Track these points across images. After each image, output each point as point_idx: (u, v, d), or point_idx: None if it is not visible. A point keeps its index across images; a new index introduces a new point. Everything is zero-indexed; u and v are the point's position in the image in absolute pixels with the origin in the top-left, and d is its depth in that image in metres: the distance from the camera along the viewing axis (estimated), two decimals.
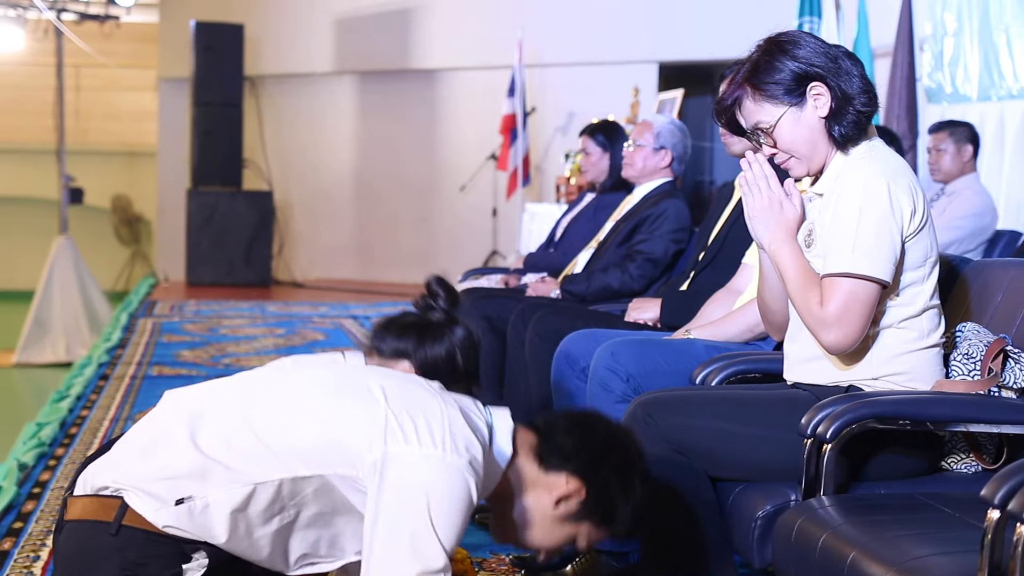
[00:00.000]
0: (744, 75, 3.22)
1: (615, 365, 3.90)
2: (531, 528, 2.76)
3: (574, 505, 2.73)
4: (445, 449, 2.53)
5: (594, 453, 2.74)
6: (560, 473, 2.73)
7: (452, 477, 2.52)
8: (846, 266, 3.06)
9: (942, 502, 2.84)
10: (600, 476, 2.73)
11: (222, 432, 2.62)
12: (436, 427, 2.55)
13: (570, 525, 2.76)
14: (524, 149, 12.82)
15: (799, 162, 3.23)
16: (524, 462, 2.75)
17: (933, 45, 8.98)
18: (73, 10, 10.83)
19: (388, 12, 14.56)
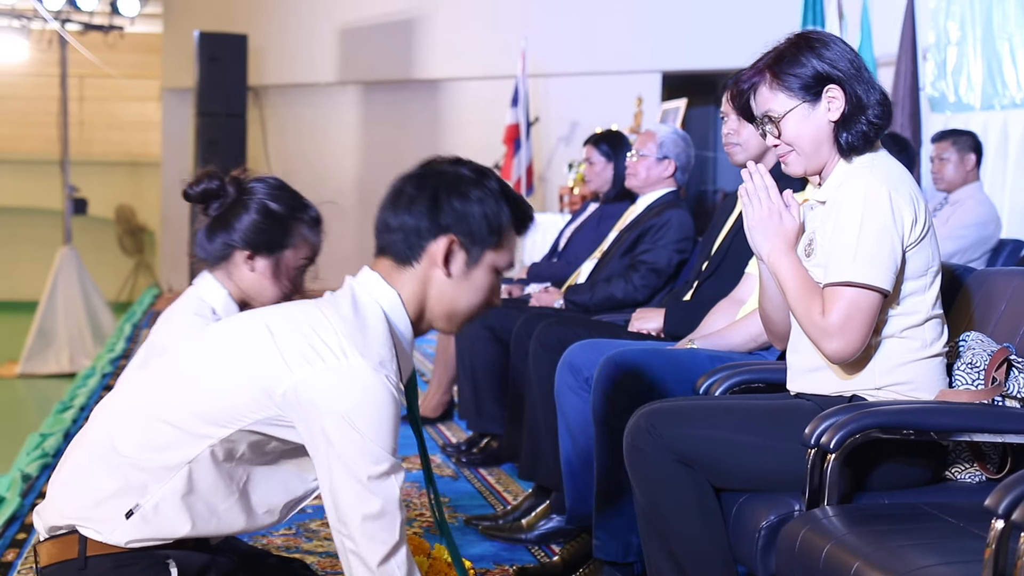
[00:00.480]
0: (767, 62, 3.23)
1: (618, 375, 3.90)
2: (456, 304, 2.70)
3: (458, 255, 2.65)
4: (347, 355, 2.50)
5: (427, 208, 2.64)
6: (423, 251, 2.64)
7: (364, 380, 2.49)
8: (847, 275, 3.06)
9: (946, 512, 2.83)
10: (450, 212, 2.64)
11: (135, 432, 2.61)
12: (330, 339, 2.52)
13: (474, 271, 2.67)
14: (527, 159, 12.82)
15: (798, 158, 3.23)
16: (404, 282, 2.67)
17: (936, 54, 8.99)
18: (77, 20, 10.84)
19: (392, 22, 14.57)
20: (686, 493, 3.17)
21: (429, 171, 2.70)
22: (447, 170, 2.69)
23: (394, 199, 2.70)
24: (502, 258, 2.70)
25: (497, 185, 2.68)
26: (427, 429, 6.69)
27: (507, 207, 2.68)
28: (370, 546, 2.53)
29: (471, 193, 2.64)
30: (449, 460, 5.96)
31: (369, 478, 2.49)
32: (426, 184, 2.66)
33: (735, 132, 4.55)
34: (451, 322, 2.72)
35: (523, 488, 5.33)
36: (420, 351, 9.62)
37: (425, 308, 2.69)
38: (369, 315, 2.60)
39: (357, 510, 2.51)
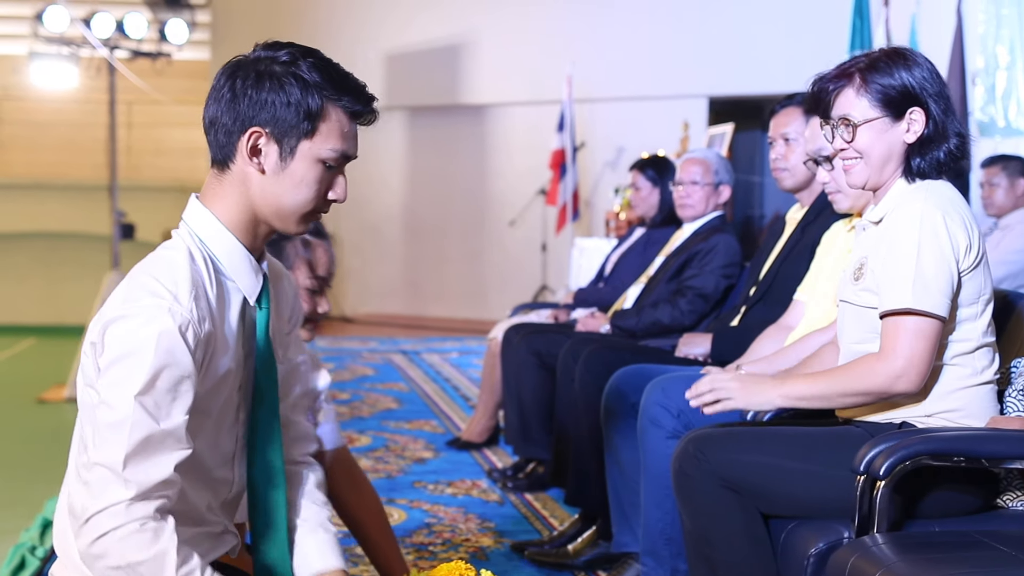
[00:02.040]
0: (859, 66, 3.20)
1: (665, 401, 3.88)
2: (281, 202, 2.47)
3: (268, 148, 2.43)
4: (115, 310, 2.33)
5: (229, 101, 2.42)
6: (234, 149, 2.44)
7: (120, 325, 2.30)
8: (907, 302, 3.03)
9: (998, 540, 2.80)
10: (250, 103, 2.41)
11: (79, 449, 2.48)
12: (112, 303, 2.35)
13: (292, 164, 2.44)
14: (573, 184, 12.85)
15: (865, 168, 3.20)
16: (226, 189, 2.48)
17: (985, 79, 8.95)
18: (126, 47, 10.90)
19: (438, 48, 14.62)
20: (734, 519, 3.15)
21: (239, 61, 2.47)
22: (255, 56, 2.46)
23: (211, 93, 2.47)
24: (325, 147, 2.44)
25: (310, 66, 2.45)
26: (473, 454, 6.69)
27: (323, 90, 2.45)
28: (79, 497, 2.32)
29: (275, 79, 2.41)
30: (495, 485, 5.95)
31: (105, 425, 2.29)
32: (230, 75, 2.44)
33: (783, 157, 4.54)
34: (284, 221, 2.48)
35: (569, 514, 5.31)
36: (466, 376, 9.62)
37: (254, 210, 2.48)
38: (168, 256, 2.41)
39: (91, 455, 2.31)
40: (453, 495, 5.77)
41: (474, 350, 11.31)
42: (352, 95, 2.51)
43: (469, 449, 6.79)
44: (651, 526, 3.99)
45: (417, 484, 5.97)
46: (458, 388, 9.19)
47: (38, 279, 15.30)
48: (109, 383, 2.29)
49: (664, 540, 3.93)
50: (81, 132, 15.41)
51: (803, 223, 4.53)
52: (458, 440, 6.90)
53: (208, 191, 2.51)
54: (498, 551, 4.88)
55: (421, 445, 6.96)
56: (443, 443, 6.95)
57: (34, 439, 7.97)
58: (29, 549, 4.85)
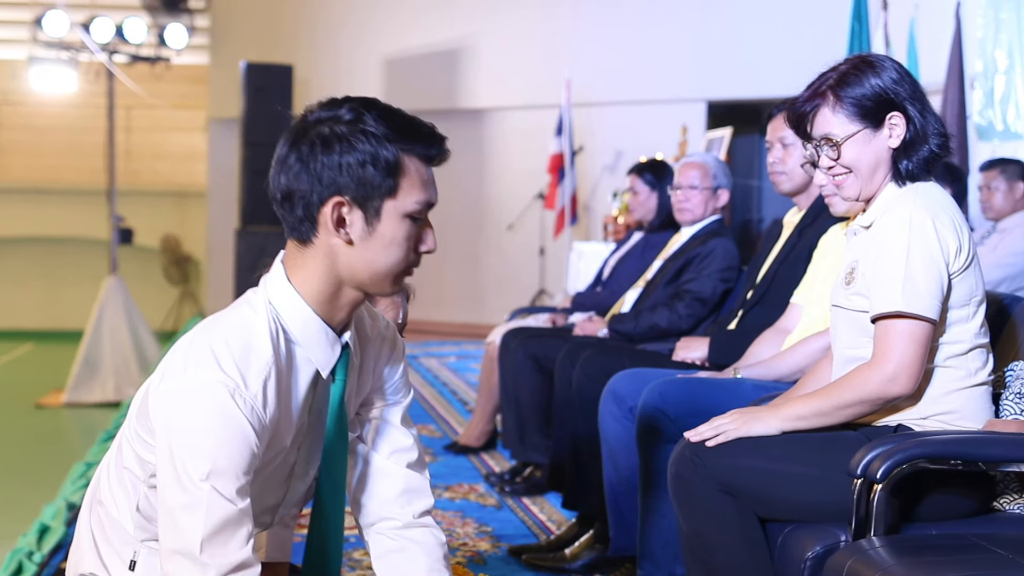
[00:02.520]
0: (829, 84, 3.20)
1: (663, 405, 3.88)
2: (375, 267, 2.38)
3: (353, 216, 2.34)
4: (184, 372, 2.28)
5: (301, 170, 2.33)
6: (315, 223, 2.36)
7: (186, 396, 2.26)
8: (897, 305, 3.03)
9: (995, 543, 2.80)
10: (325, 170, 2.31)
11: (112, 485, 2.52)
12: (178, 356, 2.33)
13: (380, 227, 2.36)
14: (572, 188, 12.85)
15: (855, 182, 3.20)
16: (309, 263, 2.39)
17: (984, 82, 8.94)
18: (125, 52, 10.92)
19: (436, 52, 14.62)
20: (731, 523, 3.15)
21: (298, 125, 2.38)
22: (315, 118, 2.36)
23: (276, 166, 2.37)
24: (410, 200, 2.35)
25: (376, 119, 2.34)
26: (470, 458, 6.68)
27: (395, 142, 2.33)
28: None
29: (344, 140, 2.31)
30: (492, 489, 5.95)
31: (178, 508, 2.27)
32: (294, 142, 2.35)
33: (780, 161, 4.54)
34: (379, 285, 2.41)
35: (567, 518, 5.31)
36: (464, 380, 9.61)
37: (342, 282, 2.39)
38: (247, 322, 2.37)
39: (164, 542, 2.30)
40: (451, 499, 5.76)
41: (472, 354, 11.31)
42: (425, 141, 2.39)
43: (467, 453, 6.78)
44: (648, 530, 3.98)
45: None
46: (456, 392, 9.19)
47: (37, 284, 15.33)
48: (177, 465, 2.26)
49: (661, 544, 3.93)
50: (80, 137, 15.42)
51: (800, 226, 4.53)
52: (456, 444, 6.89)
53: (290, 260, 2.43)
54: (495, 555, 4.87)
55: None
56: (441, 447, 6.95)
57: (32, 444, 7.99)
58: (26, 554, 4.85)
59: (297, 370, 2.42)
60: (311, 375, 2.44)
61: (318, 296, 2.40)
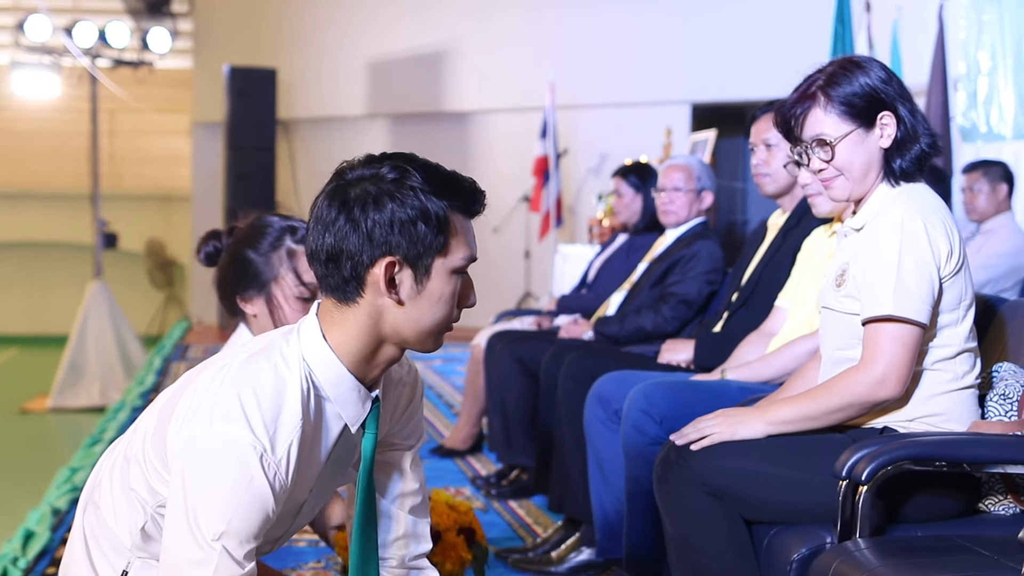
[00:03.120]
0: (819, 84, 3.19)
1: (648, 407, 3.88)
2: (422, 326, 2.35)
3: (403, 275, 2.30)
4: (207, 424, 2.23)
5: (349, 231, 2.28)
6: (362, 283, 2.30)
7: (210, 450, 2.22)
8: (887, 308, 3.03)
9: (980, 544, 2.80)
10: (375, 229, 2.27)
11: (110, 506, 2.49)
12: (205, 403, 2.26)
13: (429, 285, 2.32)
14: (556, 191, 12.85)
15: (846, 183, 3.20)
16: (349, 322, 2.34)
17: (967, 84, 8.96)
18: (108, 56, 10.91)
19: (420, 55, 14.62)
20: (717, 525, 3.15)
21: (340, 183, 2.34)
22: (359, 176, 2.32)
23: (316, 225, 2.33)
24: (457, 257, 2.33)
25: (421, 176, 2.31)
26: (456, 461, 6.68)
27: (441, 197, 2.30)
28: None
29: (394, 199, 2.27)
30: (479, 492, 5.95)
31: (186, 561, 2.24)
32: (340, 200, 2.30)
33: (764, 163, 4.55)
34: (424, 343, 2.37)
35: (553, 520, 5.31)
36: (450, 383, 9.61)
37: (384, 340, 2.35)
38: (280, 378, 2.30)
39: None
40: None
41: (457, 357, 11.29)
42: (468, 195, 2.36)
43: (453, 456, 6.78)
44: (634, 532, 3.99)
45: None
46: (441, 395, 9.18)
47: (21, 288, 15.29)
48: (191, 517, 2.23)
49: (648, 546, 3.93)
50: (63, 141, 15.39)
51: (784, 229, 4.53)
52: (442, 447, 6.89)
53: (326, 316, 2.37)
54: None
55: None
56: (427, 450, 6.94)
57: (16, 449, 7.97)
58: (11, 560, 4.83)
59: (325, 427, 2.38)
60: (339, 431, 2.41)
61: (356, 356, 2.36)
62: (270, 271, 3.20)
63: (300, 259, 3.17)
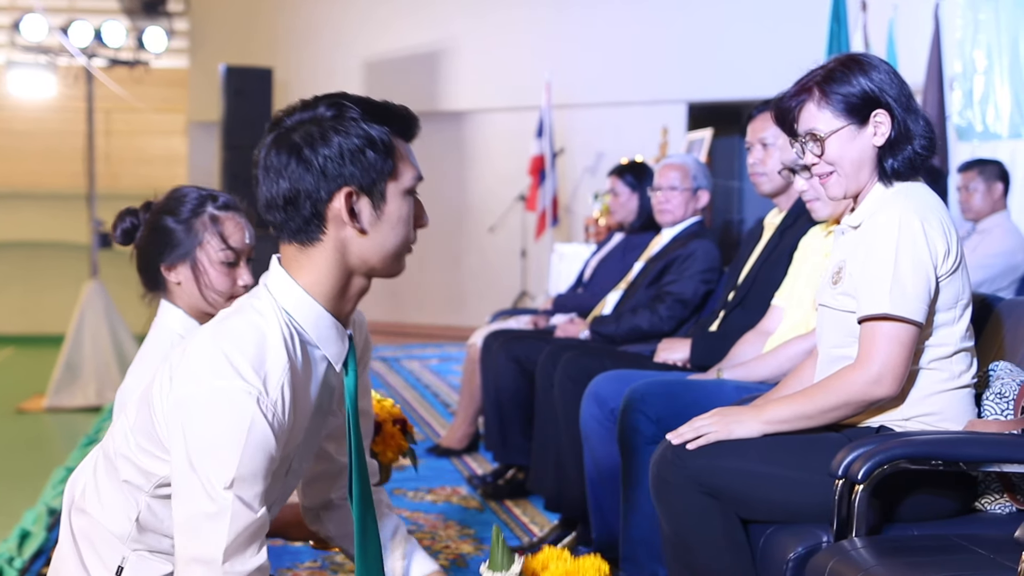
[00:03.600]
0: (816, 80, 3.20)
1: (644, 406, 3.88)
2: (385, 249, 2.45)
3: (362, 203, 2.38)
4: (200, 381, 2.27)
5: (303, 170, 2.34)
6: (322, 219, 2.37)
7: (206, 404, 2.26)
8: (884, 307, 3.03)
9: (976, 543, 2.81)
10: (328, 163, 2.34)
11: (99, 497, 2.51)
12: (189, 363, 2.31)
13: (387, 209, 2.41)
14: (553, 190, 12.85)
15: (839, 179, 3.20)
16: (316, 262, 2.41)
17: (963, 83, 8.97)
18: (104, 56, 10.89)
19: (416, 55, 14.61)
20: (713, 524, 3.15)
21: (282, 130, 2.38)
22: (298, 120, 2.37)
23: (265, 175, 2.38)
24: (407, 177, 2.43)
25: (358, 107, 2.38)
26: (453, 461, 6.68)
27: (381, 123, 2.39)
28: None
29: (338, 132, 2.35)
30: (475, 492, 5.95)
31: (200, 516, 2.28)
32: (287, 145, 2.35)
33: (760, 162, 4.55)
34: (389, 267, 2.48)
35: (549, 519, 5.31)
36: (446, 383, 9.61)
37: (352, 272, 2.43)
38: (258, 328, 2.34)
39: (183, 551, 2.31)
40: (433, 502, 5.76)
41: (454, 356, 11.30)
42: (404, 120, 2.46)
43: (449, 456, 6.78)
44: (631, 531, 3.99)
45: (397, 491, 5.96)
46: (438, 395, 9.18)
47: (17, 288, 15.26)
48: (200, 474, 2.26)
49: (644, 546, 3.93)
50: (59, 141, 15.36)
51: (781, 228, 4.53)
52: (438, 447, 6.89)
53: (291, 263, 2.43)
54: (478, 558, 4.87)
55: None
56: (423, 450, 6.94)
57: (13, 449, 7.95)
58: (7, 560, 4.83)
59: (311, 369, 2.43)
60: (323, 373, 2.46)
61: (330, 294, 2.43)
62: (194, 237, 3.19)
63: (224, 224, 3.19)
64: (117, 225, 3.31)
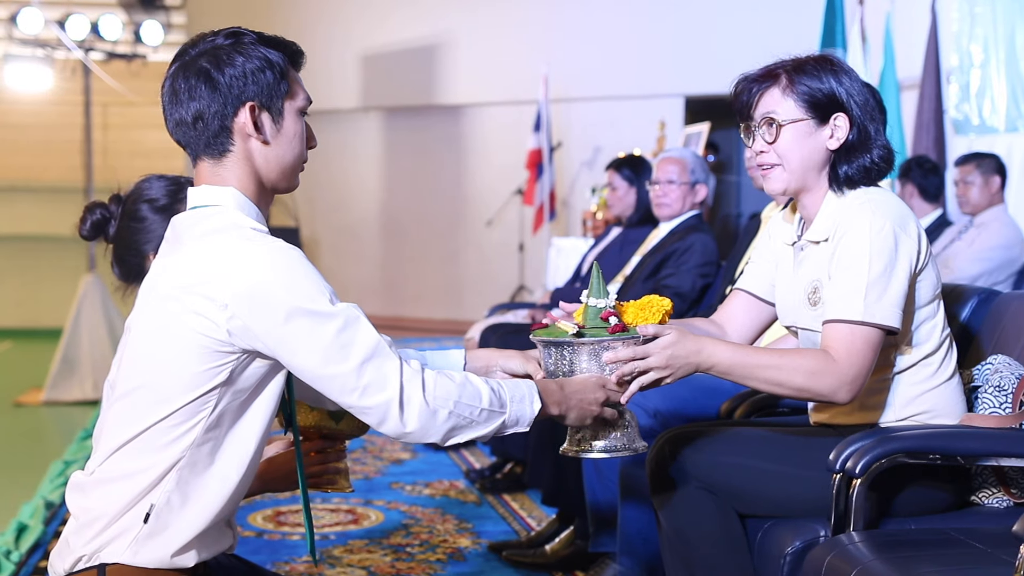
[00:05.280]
0: (787, 67, 3.17)
1: (642, 401, 3.88)
2: (284, 162, 2.62)
3: (263, 117, 2.57)
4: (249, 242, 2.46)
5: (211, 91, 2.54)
6: (230, 132, 2.56)
7: (270, 258, 2.42)
8: (858, 314, 2.95)
9: (973, 537, 2.81)
10: (233, 83, 2.55)
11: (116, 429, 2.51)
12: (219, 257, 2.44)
13: (284, 124, 2.61)
14: (550, 184, 12.85)
15: (782, 174, 3.14)
16: (231, 172, 2.59)
17: (960, 77, 8.96)
18: (100, 49, 10.88)
19: (414, 48, 14.61)
20: (710, 519, 3.15)
21: (189, 58, 2.58)
22: (200, 50, 2.58)
23: (173, 99, 2.58)
24: (300, 98, 2.66)
25: (254, 35, 2.63)
26: (450, 455, 6.68)
27: (275, 50, 2.63)
28: (371, 408, 2.47)
29: (239, 54, 2.56)
30: (472, 486, 5.95)
31: (336, 333, 2.43)
32: (193, 70, 2.56)
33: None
34: (289, 179, 2.66)
35: (547, 514, 5.31)
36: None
37: (261, 180, 2.61)
38: (243, 227, 2.50)
39: (344, 365, 2.44)
40: (431, 496, 5.77)
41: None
42: (292, 50, 2.70)
43: (446, 450, 6.78)
44: (628, 526, 3.99)
45: (395, 485, 5.96)
46: None
47: (14, 282, 15.26)
48: (311, 310, 2.42)
49: (641, 540, 3.94)
50: (56, 134, 15.35)
51: None
52: None
53: (209, 179, 2.60)
54: (476, 552, 4.88)
55: (398, 446, 6.95)
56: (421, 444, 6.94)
57: (10, 442, 7.95)
58: (4, 553, 4.83)
59: None
60: None
61: (254, 193, 2.61)
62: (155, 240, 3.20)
63: None
64: (86, 218, 3.31)
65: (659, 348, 2.90)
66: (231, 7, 15.32)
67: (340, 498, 5.58)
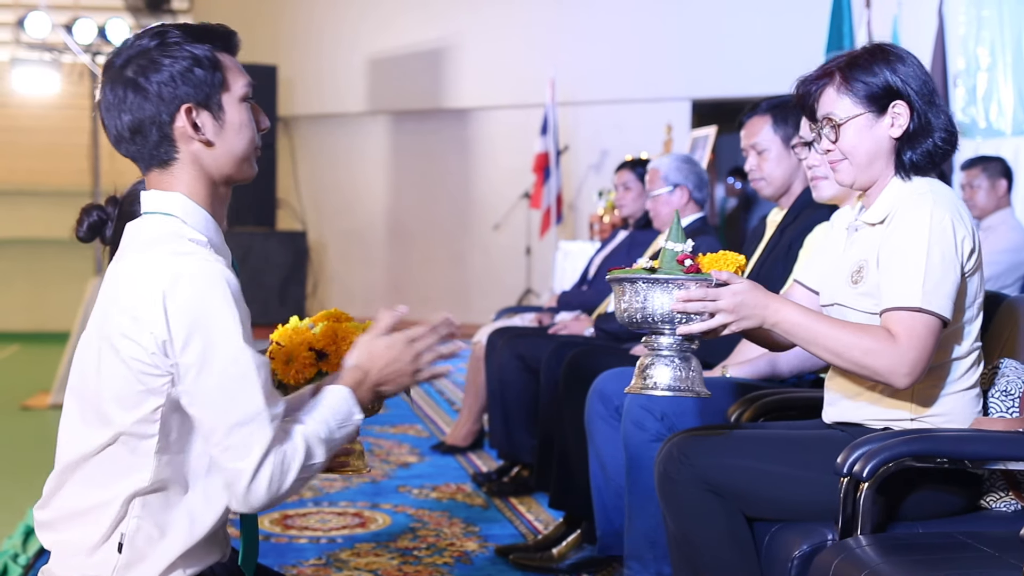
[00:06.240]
0: (839, 64, 3.17)
1: (649, 404, 3.88)
2: (234, 154, 2.57)
3: (202, 117, 2.51)
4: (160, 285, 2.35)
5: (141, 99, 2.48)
6: (171, 140, 2.50)
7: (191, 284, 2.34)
8: (917, 301, 2.95)
9: (982, 541, 2.80)
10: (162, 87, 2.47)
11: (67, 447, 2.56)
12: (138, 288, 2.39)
13: (227, 117, 2.54)
14: (557, 187, 12.85)
15: (850, 168, 3.16)
16: (179, 178, 2.54)
17: (966, 80, 8.96)
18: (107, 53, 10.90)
19: (421, 52, 14.61)
20: (718, 522, 3.15)
21: (113, 70, 2.50)
22: (126, 58, 2.50)
23: (107, 113, 2.52)
24: (239, 86, 2.58)
25: (178, 31, 2.53)
26: (458, 458, 6.68)
27: (203, 42, 2.54)
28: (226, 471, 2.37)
29: (165, 56, 2.48)
30: (479, 489, 5.95)
31: (231, 382, 2.35)
32: (121, 81, 2.48)
33: (757, 168, 4.57)
34: (243, 170, 2.61)
35: (554, 517, 5.31)
36: (451, 380, 9.61)
37: (212, 180, 2.56)
38: (179, 238, 2.46)
39: (223, 421, 2.36)
40: (438, 499, 5.76)
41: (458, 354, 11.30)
42: (222, 36, 2.62)
43: (454, 453, 6.78)
44: (635, 529, 3.98)
45: (402, 488, 5.96)
46: (443, 392, 9.18)
47: (21, 285, 15.28)
48: (219, 345, 2.35)
49: (648, 543, 3.93)
50: (63, 138, 15.36)
51: (782, 226, 4.53)
52: (443, 444, 6.89)
53: (159, 187, 2.56)
54: (483, 555, 4.87)
55: (406, 449, 6.95)
56: (428, 447, 6.95)
57: (17, 446, 7.95)
58: (11, 556, 4.84)
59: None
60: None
61: (206, 199, 2.56)
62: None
63: None
64: (83, 220, 3.30)
65: (730, 293, 2.94)
66: (237, 11, 15.32)
67: (347, 501, 5.58)
